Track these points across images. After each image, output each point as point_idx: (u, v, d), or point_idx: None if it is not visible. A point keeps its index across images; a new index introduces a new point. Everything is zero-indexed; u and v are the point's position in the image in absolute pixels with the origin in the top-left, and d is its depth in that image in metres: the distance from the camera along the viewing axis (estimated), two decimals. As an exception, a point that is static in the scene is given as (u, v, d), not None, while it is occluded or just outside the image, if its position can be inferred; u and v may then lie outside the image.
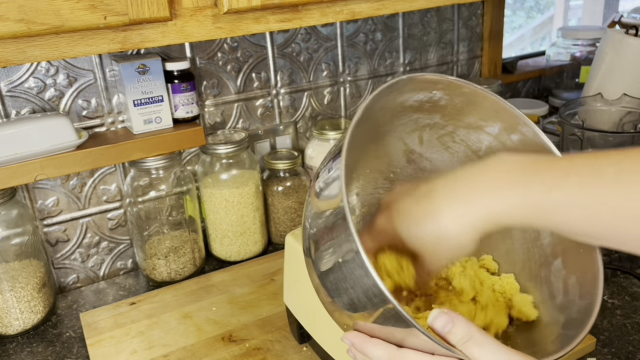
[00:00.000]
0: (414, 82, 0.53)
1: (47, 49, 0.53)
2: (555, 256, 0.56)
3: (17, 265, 0.76)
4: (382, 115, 0.56)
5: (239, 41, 0.91)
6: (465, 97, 0.56)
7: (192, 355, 0.69)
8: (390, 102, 0.54)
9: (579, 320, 0.49)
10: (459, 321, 0.41)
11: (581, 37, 1.30)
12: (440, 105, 0.57)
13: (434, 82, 0.54)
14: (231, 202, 0.88)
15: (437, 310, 0.42)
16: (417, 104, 0.56)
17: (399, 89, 0.52)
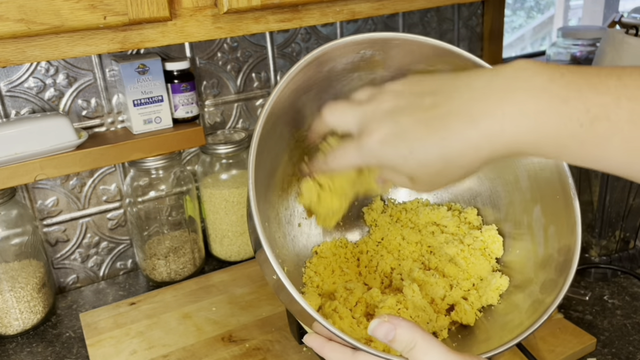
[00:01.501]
0: (328, 53, 0.50)
1: (47, 49, 0.53)
2: (535, 202, 0.55)
3: (16, 265, 0.76)
4: (315, 88, 0.53)
5: (239, 41, 0.91)
6: (400, 48, 0.52)
7: (192, 355, 0.69)
8: (316, 75, 0.51)
9: (555, 282, 0.48)
10: (402, 328, 0.39)
11: (581, 37, 1.30)
12: (377, 60, 0.54)
13: (355, 43, 0.50)
14: (231, 202, 0.88)
15: (377, 320, 0.40)
16: (351, 65, 0.53)
17: (318, 63, 0.50)
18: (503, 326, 0.52)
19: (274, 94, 0.47)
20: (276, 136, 0.54)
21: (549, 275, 0.50)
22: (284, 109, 0.51)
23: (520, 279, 0.55)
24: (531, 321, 0.46)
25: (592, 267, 0.81)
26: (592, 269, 0.81)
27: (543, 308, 0.47)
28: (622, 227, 0.81)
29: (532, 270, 0.54)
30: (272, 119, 0.48)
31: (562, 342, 0.67)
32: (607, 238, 0.82)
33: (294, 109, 0.54)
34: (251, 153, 0.45)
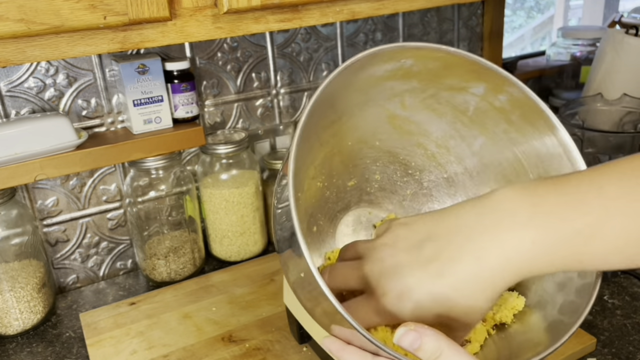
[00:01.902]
0: (377, 56, 0.50)
1: (47, 49, 0.53)
2: None
3: (16, 265, 0.76)
4: (350, 91, 0.54)
5: (239, 41, 0.91)
6: (440, 62, 0.53)
7: (192, 355, 0.69)
8: (355, 78, 0.52)
9: (576, 305, 0.47)
10: (428, 337, 0.39)
11: (581, 37, 1.30)
12: (414, 72, 0.54)
13: (399, 51, 0.51)
14: (231, 202, 0.88)
15: (403, 328, 0.40)
16: (388, 73, 0.54)
17: (360, 66, 0.49)
18: (518, 345, 0.51)
19: (328, 80, 0.46)
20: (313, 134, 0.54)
21: (568, 297, 0.49)
22: (325, 103, 0.51)
23: (536, 299, 0.54)
24: (550, 341, 0.46)
25: (592, 267, 0.81)
26: (592, 269, 0.81)
27: (563, 328, 0.46)
28: (622, 227, 0.81)
29: (549, 291, 0.53)
30: (319, 106, 0.47)
31: (562, 342, 0.67)
32: (607, 238, 0.81)
33: (333, 105, 0.54)
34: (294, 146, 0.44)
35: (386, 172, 0.65)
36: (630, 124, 0.85)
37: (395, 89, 0.56)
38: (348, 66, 0.48)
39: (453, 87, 0.56)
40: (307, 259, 0.40)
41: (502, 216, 0.40)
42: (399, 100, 0.58)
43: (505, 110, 0.55)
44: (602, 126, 0.86)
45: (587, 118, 0.86)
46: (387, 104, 0.58)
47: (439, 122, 0.60)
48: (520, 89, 0.53)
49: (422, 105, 0.59)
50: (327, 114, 0.54)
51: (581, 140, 0.78)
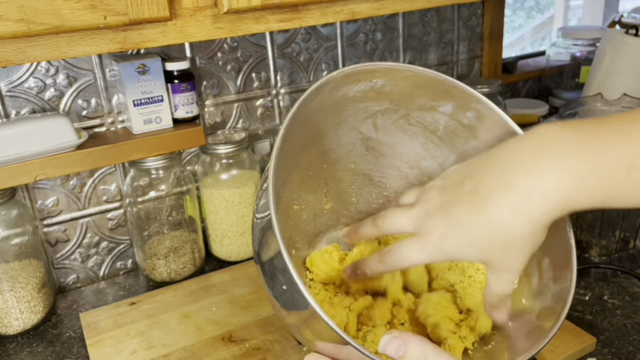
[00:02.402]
0: (348, 76, 0.51)
1: (47, 49, 0.53)
2: None
3: (17, 265, 0.76)
4: (324, 111, 0.55)
5: (239, 41, 0.91)
6: (410, 81, 0.54)
7: (192, 355, 0.69)
8: (328, 98, 0.53)
9: (552, 309, 0.48)
10: (412, 343, 0.39)
11: (581, 37, 1.30)
12: (386, 92, 0.55)
13: (370, 71, 0.52)
14: (231, 202, 0.88)
15: (387, 336, 0.39)
16: (360, 94, 0.55)
17: (334, 85, 0.50)
18: (500, 353, 0.52)
19: (303, 98, 0.47)
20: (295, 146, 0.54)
21: (545, 304, 0.50)
22: (300, 124, 0.52)
23: (515, 309, 0.55)
24: (531, 344, 0.46)
25: (592, 267, 0.81)
26: (592, 269, 0.81)
27: (541, 333, 0.47)
28: (622, 227, 0.81)
29: (526, 300, 0.54)
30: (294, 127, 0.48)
31: (562, 342, 0.67)
32: (607, 238, 0.82)
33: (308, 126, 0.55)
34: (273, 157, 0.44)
35: (362, 194, 0.66)
36: (630, 124, 0.85)
37: (368, 110, 0.58)
38: (322, 85, 0.48)
39: (423, 107, 0.57)
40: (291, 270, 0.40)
41: (543, 147, 0.39)
42: (372, 122, 0.60)
43: (473, 127, 0.56)
44: (602, 126, 0.86)
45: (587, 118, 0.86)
46: (360, 126, 0.59)
47: (410, 143, 0.62)
48: (487, 104, 0.54)
49: (394, 126, 0.60)
50: (303, 136, 0.55)
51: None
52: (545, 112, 1.22)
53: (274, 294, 0.46)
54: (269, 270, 0.45)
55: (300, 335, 0.46)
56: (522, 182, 0.39)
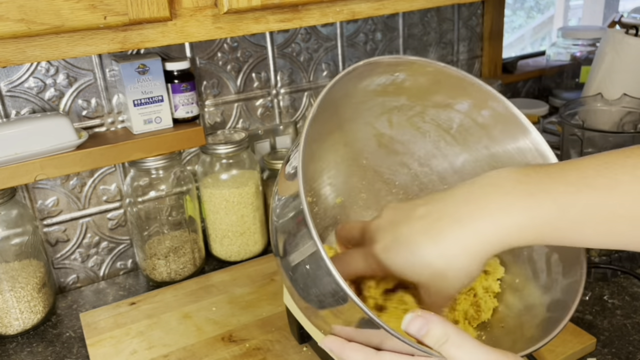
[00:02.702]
0: (374, 66, 0.51)
1: (47, 49, 0.53)
2: None
3: (17, 265, 0.76)
4: (346, 102, 0.55)
5: (239, 41, 0.91)
6: (430, 76, 0.54)
7: (192, 355, 0.69)
8: (352, 88, 0.53)
9: (563, 302, 0.48)
10: (434, 323, 0.39)
11: (581, 37, 1.30)
12: (405, 87, 0.55)
13: (394, 64, 0.52)
14: (231, 202, 0.88)
15: (410, 314, 0.40)
16: (381, 87, 0.55)
17: (358, 75, 0.50)
18: (513, 341, 0.52)
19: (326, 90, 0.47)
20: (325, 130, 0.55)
21: (555, 296, 0.50)
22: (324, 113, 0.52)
23: (524, 304, 0.55)
24: (542, 335, 0.46)
25: (592, 267, 0.81)
26: (592, 269, 0.81)
27: (552, 323, 0.47)
28: (622, 227, 0.81)
29: (535, 295, 0.54)
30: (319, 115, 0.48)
31: (562, 342, 0.67)
32: (607, 238, 0.81)
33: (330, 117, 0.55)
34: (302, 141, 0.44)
35: (371, 190, 0.66)
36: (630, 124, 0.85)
37: (385, 105, 0.58)
38: (348, 73, 0.48)
39: (439, 104, 0.57)
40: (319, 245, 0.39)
41: (490, 188, 0.42)
42: (387, 118, 0.60)
43: (488, 126, 0.57)
44: (602, 126, 0.86)
45: (587, 118, 0.86)
46: (375, 122, 0.60)
47: (423, 141, 0.62)
48: (503, 103, 0.54)
49: (408, 123, 0.60)
50: (324, 126, 0.55)
51: (581, 140, 0.78)
52: (545, 112, 1.22)
53: (295, 275, 0.45)
54: (290, 248, 0.45)
55: (319, 318, 0.46)
56: (468, 219, 0.42)
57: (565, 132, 0.81)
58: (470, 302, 0.58)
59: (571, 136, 0.79)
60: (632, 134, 0.77)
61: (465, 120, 0.58)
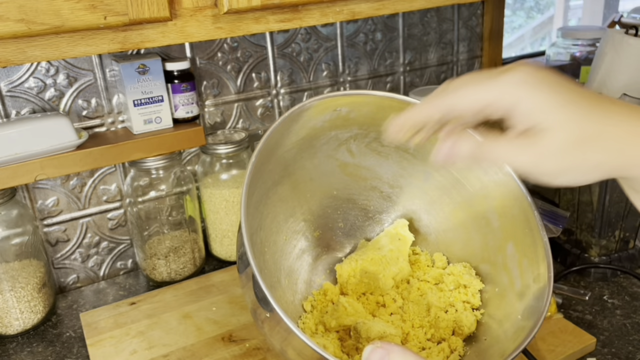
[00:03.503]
0: (310, 109, 0.53)
1: (48, 49, 0.53)
2: (507, 240, 0.58)
3: (17, 265, 0.76)
4: (298, 144, 0.57)
5: (239, 41, 0.91)
6: (372, 105, 0.56)
7: (192, 355, 0.69)
8: (298, 132, 0.55)
9: (535, 308, 0.50)
10: (394, 352, 0.39)
11: (581, 37, 1.30)
12: (352, 118, 0.58)
13: (332, 101, 0.54)
14: (231, 202, 0.88)
15: (371, 346, 0.40)
16: (328, 123, 0.57)
17: (296, 119, 0.53)
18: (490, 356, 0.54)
19: (261, 143, 0.50)
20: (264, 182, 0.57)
21: (528, 303, 0.52)
22: (269, 161, 0.54)
23: (503, 312, 0.57)
24: (515, 345, 0.48)
25: (592, 267, 0.81)
26: (592, 269, 0.81)
27: (525, 333, 0.49)
28: (621, 227, 0.81)
29: (512, 302, 0.56)
30: (262, 166, 0.51)
31: (562, 341, 0.67)
32: (606, 238, 0.82)
33: (279, 161, 0.57)
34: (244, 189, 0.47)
35: (348, 218, 0.68)
36: (630, 124, 0.85)
37: (339, 137, 0.60)
38: (285, 119, 0.51)
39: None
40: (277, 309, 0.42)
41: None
42: (346, 148, 0.62)
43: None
44: (602, 126, 0.86)
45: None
46: (336, 153, 0.62)
47: (386, 163, 0.64)
48: None
49: (368, 149, 0.63)
50: (278, 169, 0.58)
51: None
52: (545, 112, 1.21)
53: (258, 322, 0.48)
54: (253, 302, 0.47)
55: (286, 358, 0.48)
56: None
57: (565, 132, 0.80)
58: (453, 318, 0.60)
59: (571, 136, 0.79)
60: (632, 134, 0.77)
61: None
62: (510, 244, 0.57)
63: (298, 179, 0.62)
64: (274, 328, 0.45)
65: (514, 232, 0.56)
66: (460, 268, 0.63)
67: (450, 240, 0.66)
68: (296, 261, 0.65)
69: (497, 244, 0.59)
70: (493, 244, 0.60)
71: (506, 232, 0.58)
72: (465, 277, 0.61)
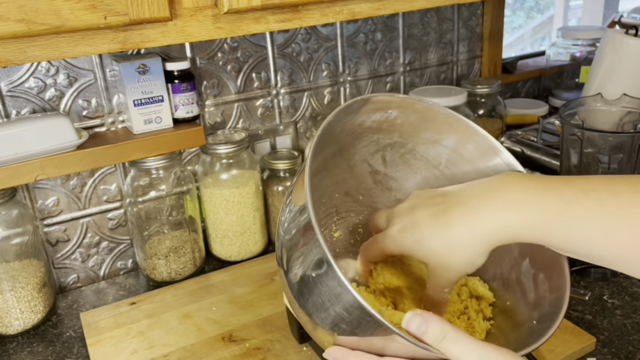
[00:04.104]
0: (370, 103, 0.54)
1: (48, 49, 0.53)
2: (524, 257, 0.58)
3: (17, 265, 0.76)
4: (344, 137, 0.58)
5: (239, 41, 0.91)
6: (420, 114, 0.57)
7: (192, 355, 0.69)
8: (349, 124, 0.56)
9: (551, 313, 0.50)
10: (433, 321, 0.41)
11: (581, 37, 1.30)
12: (397, 124, 0.59)
13: (387, 101, 0.55)
14: (231, 202, 0.88)
15: (410, 313, 0.42)
16: (376, 124, 0.58)
17: (355, 110, 0.53)
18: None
19: (326, 122, 0.50)
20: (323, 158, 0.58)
21: (543, 310, 0.52)
22: (324, 147, 0.55)
23: (514, 322, 0.57)
24: (534, 340, 0.48)
25: (592, 267, 0.81)
26: (592, 269, 0.81)
27: (542, 332, 0.49)
28: (621, 227, 0.81)
29: (524, 312, 0.56)
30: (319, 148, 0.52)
31: (562, 341, 0.67)
32: (606, 238, 0.81)
33: (330, 151, 0.58)
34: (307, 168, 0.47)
35: (368, 226, 0.67)
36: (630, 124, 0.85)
37: (379, 142, 0.61)
38: (346, 107, 0.51)
39: (428, 141, 0.61)
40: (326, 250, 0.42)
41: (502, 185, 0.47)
42: (381, 155, 0.63)
43: (473, 159, 0.60)
44: (601, 126, 0.86)
45: (587, 118, 0.86)
46: (371, 159, 0.63)
47: (414, 177, 0.65)
48: (485, 137, 0.58)
49: (401, 160, 0.64)
50: (324, 160, 0.58)
51: (581, 140, 0.78)
52: (545, 112, 1.22)
53: (300, 287, 0.47)
54: (297, 262, 0.47)
55: (321, 326, 0.47)
56: (479, 208, 0.46)
57: (565, 132, 0.81)
58: (465, 325, 0.60)
59: (571, 136, 0.79)
60: (632, 134, 0.77)
61: (452, 155, 0.61)
62: (527, 261, 0.57)
63: (331, 175, 0.62)
64: (326, 283, 0.44)
65: (533, 250, 0.56)
66: (473, 281, 0.63)
67: None
68: None
69: (511, 262, 0.59)
70: (507, 262, 0.60)
71: (524, 250, 0.57)
72: (480, 290, 0.61)
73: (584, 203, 0.42)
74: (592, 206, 0.42)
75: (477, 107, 1.12)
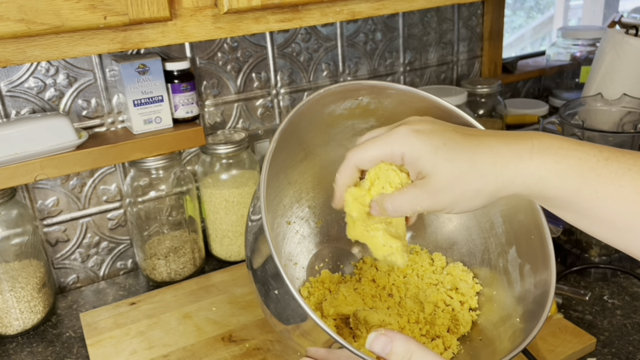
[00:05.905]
0: (333, 94, 0.53)
1: (47, 49, 0.53)
2: (510, 244, 0.58)
3: (17, 265, 0.76)
4: (315, 128, 0.57)
5: (239, 41, 0.91)
6: (394, 98, 0.56)
7: (192, 355, 0.69)
8: (317, 115, 0.55)
9: (534, 312, 0.50)
10: (398, 340, 0.40)
11: (581, 37, 1.30)
12: (371, 109, 0.58)
13: (355, 89, 0.54)
14: (231, 202, 0.88)
15: (374, 333, 0.41)
16: (347, 111, 0.57)
17: (320, 102, 0.52)
18: (486, 356, 0.54)
19: (287, 120, 0.50)
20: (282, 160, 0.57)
21: (528, 307, 0.52)
22: (290, 139, 0.54)
23: (500, 315, 0.57)
24: (512, 346, 0.48)
25: (592, 267, 0.81)
26: (592, 269, 0.81)
27: (524, 335, 0.49)
28: (622, 227, 0.81)
29: (510, 306, 0.56)
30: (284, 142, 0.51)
31: (562, 342, 0.67)
32: (607, 238, 0.81)
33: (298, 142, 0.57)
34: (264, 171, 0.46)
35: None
36: (630, 124, 0.85)
37: (355, 127, 0.60)
38: (309, 101, 0.50)
39: None
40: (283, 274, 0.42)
41: (537, 135, 0.44)
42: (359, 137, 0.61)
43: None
44: (602, 126, 0.86)
45: (587, 118, 0.86)
46: (348, 143, 0.61)
47: None
48: (466, 119, 0.56)
49: None
50: (294, 151, 0.57)
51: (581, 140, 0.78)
52: (545, 112, 1.22)
53: (266, 300, 0.47)
54: (261, 276, 0.47)
55: (292, 341, 0.48)
56: (515, 142, 0.43)
57: (565, 132, 0.81)
58: (449, 317, 0.60)
59: (571, 136, 0.79)
60: (632, 134, 0.77)
61: None
62: (513, 249, 0.57)
63: (308, 165, 0.62)
64: (285, 307, 0.45)
65: (519, 238, 0.56)
66: (459, 269, 0.63)
67: (451, 241, 0.65)
68: (297, 247, 0.64)
69: (499, 248, 0.59)
70: (495, 248, 0.60)
71: (510, 237, 0.58)
72: (464, 279, 0.62)
73: (622, 161, 0.41)
74: (632, 165, 0.41)
75: (477, 107, 1.12)
